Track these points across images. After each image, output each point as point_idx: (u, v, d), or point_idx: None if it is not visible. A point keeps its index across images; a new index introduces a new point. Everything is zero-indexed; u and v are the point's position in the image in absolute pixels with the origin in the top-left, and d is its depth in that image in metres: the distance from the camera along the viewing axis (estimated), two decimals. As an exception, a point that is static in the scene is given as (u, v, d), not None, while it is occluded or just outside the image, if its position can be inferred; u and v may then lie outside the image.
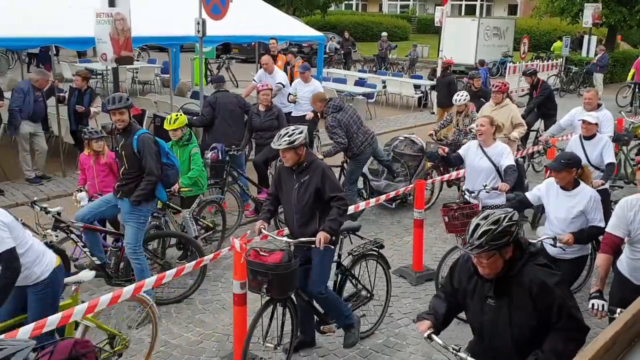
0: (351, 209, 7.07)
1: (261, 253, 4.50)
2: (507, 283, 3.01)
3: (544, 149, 9.31)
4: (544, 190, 5.13)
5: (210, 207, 7.37)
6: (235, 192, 7.86)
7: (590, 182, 5.02)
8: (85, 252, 5.73)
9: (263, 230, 4.81)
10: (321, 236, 4.52)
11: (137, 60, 18.59)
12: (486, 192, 5.88)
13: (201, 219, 6.96)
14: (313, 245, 4.58)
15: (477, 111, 8.94)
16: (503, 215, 2.95)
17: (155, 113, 10.21)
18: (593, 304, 3.88)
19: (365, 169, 8.92)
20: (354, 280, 5.34)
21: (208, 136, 8.66)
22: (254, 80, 10.61)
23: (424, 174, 8.73)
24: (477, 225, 2.95)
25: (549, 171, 5.50)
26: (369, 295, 5.45)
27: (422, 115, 16.20)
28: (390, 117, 15.93)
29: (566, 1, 23.83)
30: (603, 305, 3.85)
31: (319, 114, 7.95)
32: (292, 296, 4.74)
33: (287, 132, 4.59)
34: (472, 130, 8.53)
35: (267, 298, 4.57)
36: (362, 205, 7.10)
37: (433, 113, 16.16)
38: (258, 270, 4.42)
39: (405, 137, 9.24)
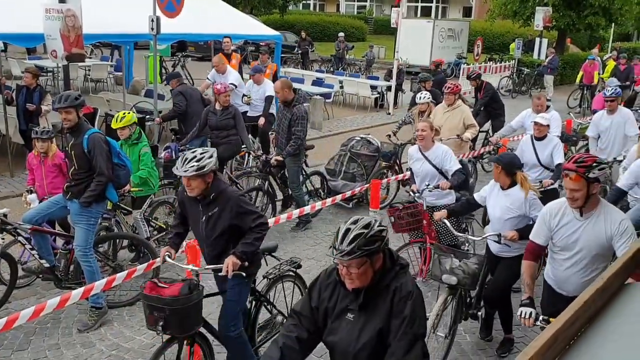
0: (307, 209, 7.11)
1: (159, 284, 3.86)
2: (375, 294, 2.76)
3: (494, 149, 9.51)
4: (488, 189, 5.26)
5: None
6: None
7: (527, 188, 4.95)
8: (33, 255, 5.57)
9: (168, 259, 4.26)
10: (229, 261, 3.95)
11: (90, 58, 18.17)
12: (429, 191, 5.99)
13: (153, 220, 6.84)
14: (220, 273, 4.06)
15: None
16: (373, 220, 2.75)
17: (106, 112, 10.00)
18: (521, 312, 3.86)
19: (322, 169, 8.95)
20: (269, 306, 4.83)
21: (185, 128, 8.71)
22: (207, 78, 10.55)
23: (379, 173, 8.81)
24: (348, 229, 2.69)
25: None
26: (284, 320, 4.86)
27: (378, 116, 16.33)
28: (347, 117, 16.02)
29: (518, 4, 24.41)
30: (531, 313, 3.84)
31: (281, 104, 7.67)
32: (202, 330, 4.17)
33: (195, 156, 3.93)
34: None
35: (168, 336, 3.95)
36: (318, 205, 7.13)
37: (389, 113, 16.34)
38: (154, 306, 3.78)
39: (361, 137, 9.30)
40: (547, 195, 6.51)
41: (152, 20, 9.37)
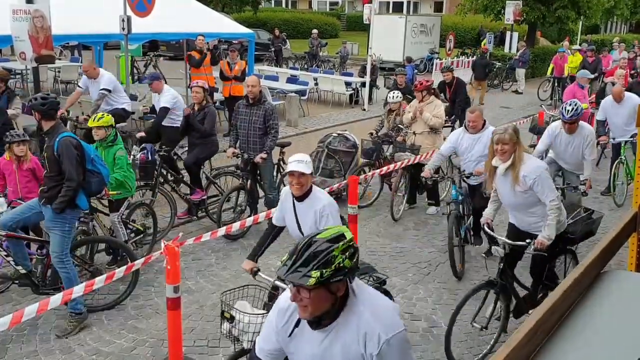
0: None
1: None
2: None
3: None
4: None
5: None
6: (168, 193, 7.70)
7: None
8: (8, 261, 5.47)
9: None
10: None
11: (59, 59, 17.88)
12: None
13: (131, 223, 6.77)
14: None
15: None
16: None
17: (77, 116, 9.81)
18: None
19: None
20: None
21: None
22: (78, 86, 9.90)
23: (357, 169, 8.85)
24: None
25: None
26: None
27: (353, 112, 16.37)
28: (322, 114, 16.03)
29: (489, -2, 24.70)
30: None
31: (250, 99, 7.54)
32: None
33: None
34: (401, 127, 8.74)
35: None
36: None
37: (364, 109, 16.40)
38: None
39: (338, 134, 9.33)
40: None
41: (123, 20, 9.27)
